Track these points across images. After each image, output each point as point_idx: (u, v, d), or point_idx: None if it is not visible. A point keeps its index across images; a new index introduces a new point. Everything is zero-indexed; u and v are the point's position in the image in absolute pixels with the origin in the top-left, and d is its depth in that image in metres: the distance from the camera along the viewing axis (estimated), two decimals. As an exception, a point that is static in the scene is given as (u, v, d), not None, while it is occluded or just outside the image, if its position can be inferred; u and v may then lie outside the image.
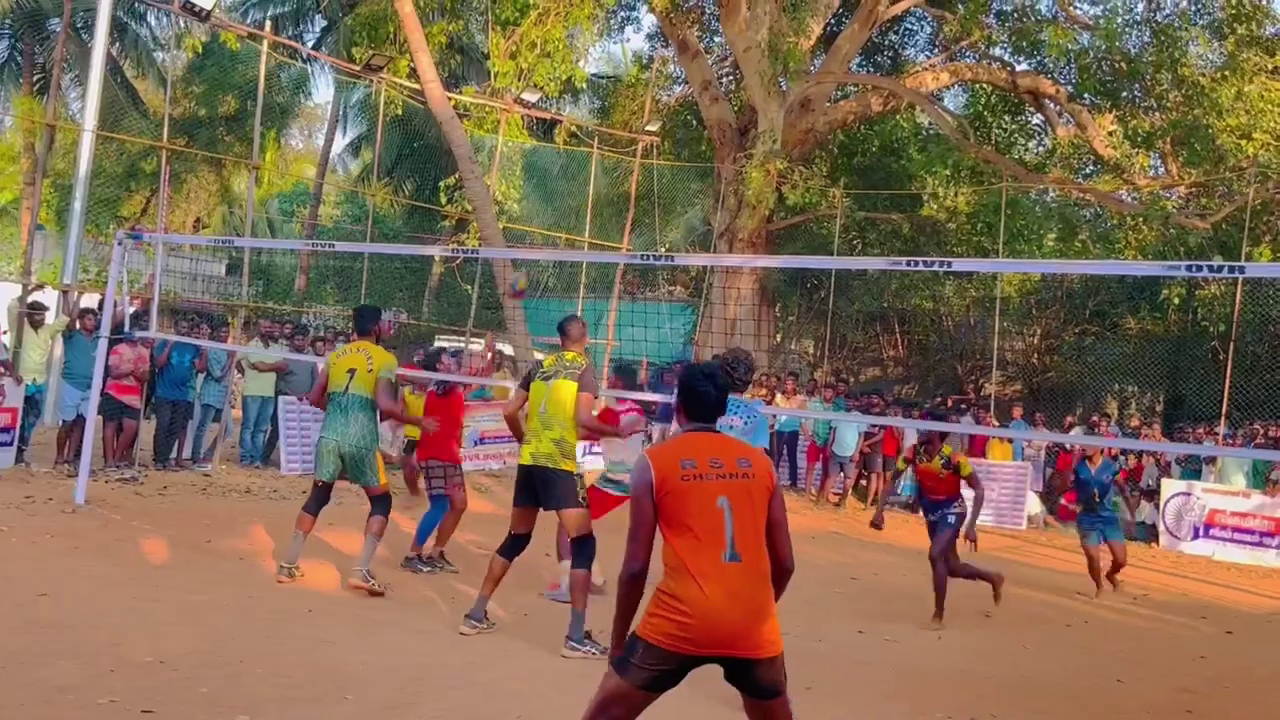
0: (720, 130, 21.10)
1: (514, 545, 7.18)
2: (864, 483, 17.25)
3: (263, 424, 14.04)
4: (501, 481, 14.75)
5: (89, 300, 14.18)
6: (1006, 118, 23.02)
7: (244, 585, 7.92)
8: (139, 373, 12.48)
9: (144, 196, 28.40)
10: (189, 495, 11.63)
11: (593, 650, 6.71)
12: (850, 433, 16.42)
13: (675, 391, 4.14)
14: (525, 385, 7.44)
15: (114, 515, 9.84)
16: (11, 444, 11.71)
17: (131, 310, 12.97)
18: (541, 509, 7.12)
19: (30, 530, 8.94)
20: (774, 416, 17.62)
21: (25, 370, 12.05)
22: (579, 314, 8.88)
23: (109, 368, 11.50)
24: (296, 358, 13.75)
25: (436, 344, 17.61)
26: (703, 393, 4.04)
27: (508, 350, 18.88)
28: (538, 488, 7.06)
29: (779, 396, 17.42)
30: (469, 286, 20.49)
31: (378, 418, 8.17)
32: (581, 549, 7.05)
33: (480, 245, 16.91)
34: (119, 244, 11.02)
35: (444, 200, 20.12)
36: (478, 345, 20.62)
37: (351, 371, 7.98)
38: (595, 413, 7.92)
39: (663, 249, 23.81)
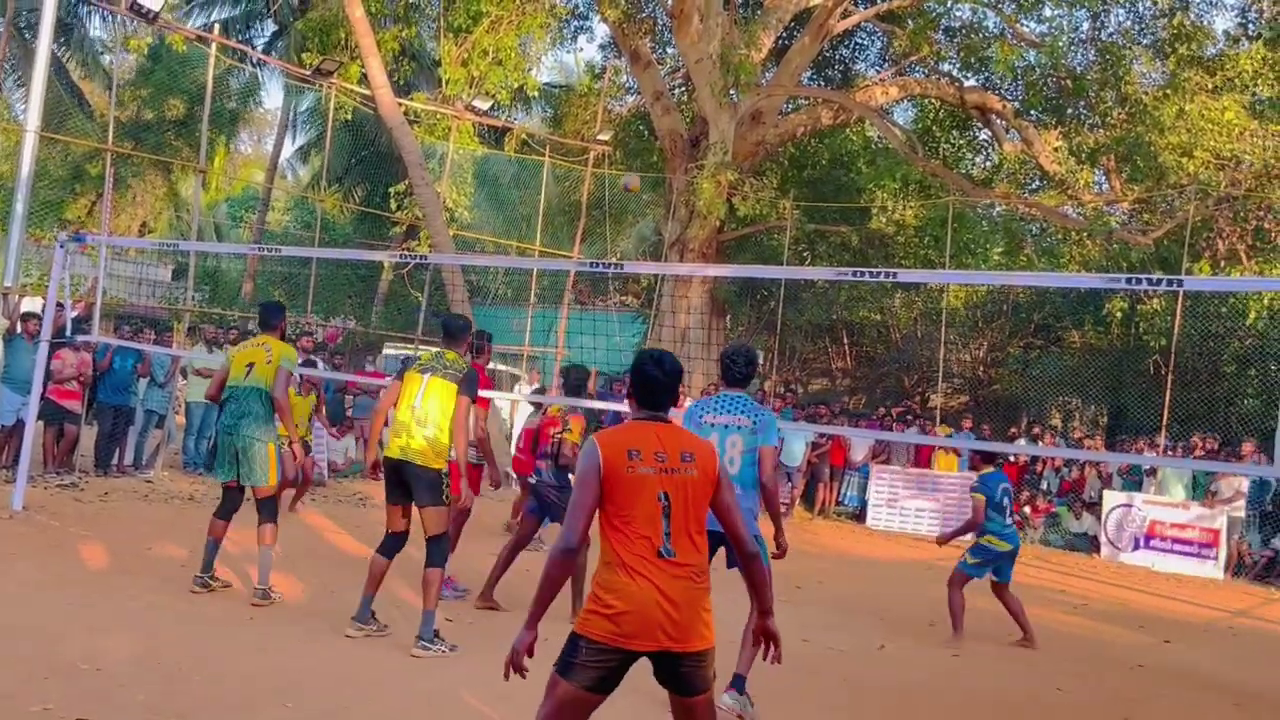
0: (672, 141, 21.18)
1: (394, 543, 7.14)
2: (811, 492, 17.35)
3: (206, 430, 13.86)
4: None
5: (30, 304, 13.95)
6: (954, 132, 23.30)
7: (184, 592, 7.81)
8: (81, 377, 12.30)
9: (89, 200, 28.03)
10: (130, 501, 11.47)
11: (443, 649, 6.73)
12: (798, 443, 16.51)
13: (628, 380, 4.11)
14: (399, 376, 7.35)
15: (52, 522, 9.68)
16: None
17: (74, 314, 12.80)
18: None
19: (-35, 536, 8.79)
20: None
21: (-37, 374, 11.84)
22: (470, 318, 8.66)
23: (50, 372, 11.34)
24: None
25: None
26: (651, 377, 3.99)
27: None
28: (408, 482, 6.97)
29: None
30: (419, 294, 20.40)
31: (274, 415, 7.94)
32: (437, 547, 6.98)
33: (430, 252, 16.84)
34: (61, 247, 10.86)
35: (394, 207, 20.03)
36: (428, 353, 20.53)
37: (250, 365, 7.87)
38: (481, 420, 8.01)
39: (614, 258, 23.83)
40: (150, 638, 6.46)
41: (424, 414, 6.97)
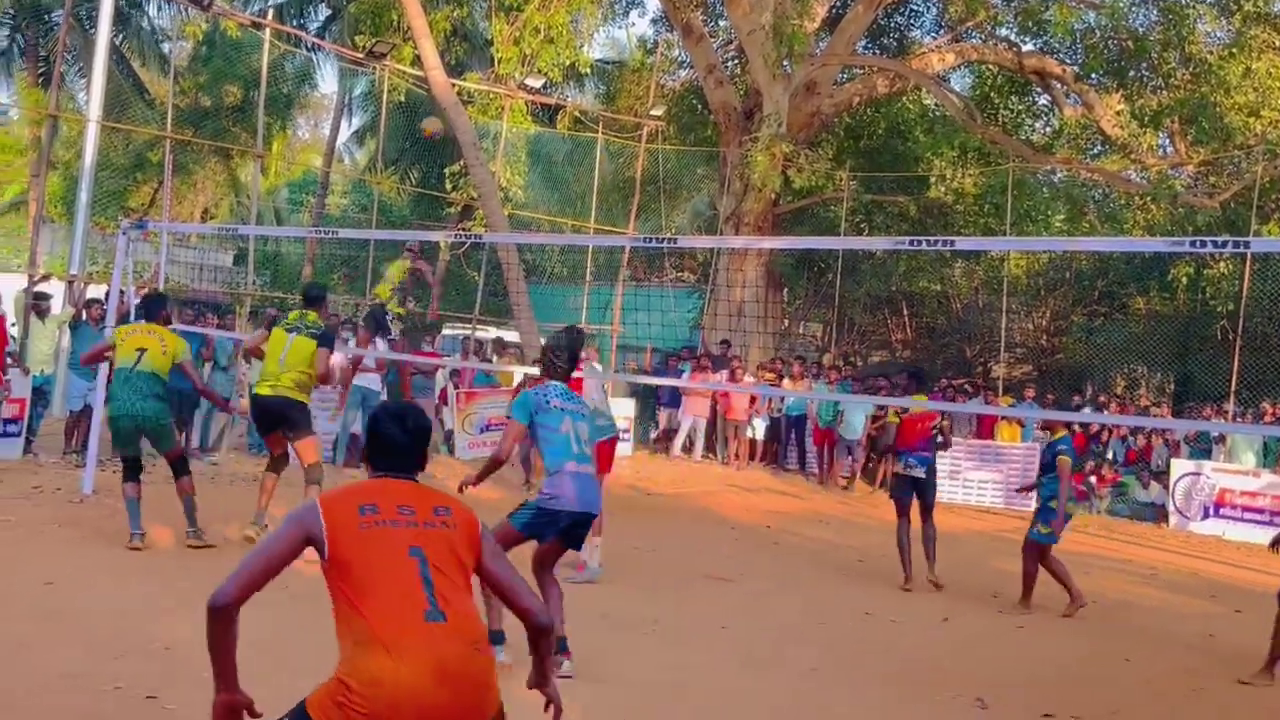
0: (725, 114, 21.04)
1: (279, 461, 8.84)
2: (871, 465, 17.23)
3: (270, 412, 14.05)
4: (510, 468, 14.75)
5: (95, 291, 14.19)
6: (1013, 98, 22.90)
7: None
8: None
9: (151, 188, 28.42)
10: (196, 484, 11.61)
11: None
12: (857, 415, 16.40)
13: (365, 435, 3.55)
14: (269, 327, 8.79)
15: (121, 504, 9.84)
16: (20, 435, 11.74)
17: (137, 301, 12.99)
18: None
19: (37, 520, 8.98)
20: (781, 400, 17.64)
21: (33, 361, 12.07)
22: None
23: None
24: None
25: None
26: (387, 436, 3.25)
27: (513, 337, 18.87)
28: (276, 417, 8.55)
29: (785, 380, 17.42)
30: (475, 274, 20.49)
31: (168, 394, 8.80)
32: (312, 474, 8.60)
33: (485, 232, 16.89)
34: (124, 234, 11.06)
35: (449, 187, 20.11)
36: (485, 334, 20.65)
37: (141, 350, 8.48)
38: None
39: (668, 234, 23.77)
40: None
41: (289, 365, 8.38)
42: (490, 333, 20.97)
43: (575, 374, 6.55)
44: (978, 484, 16.54)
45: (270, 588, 2.97)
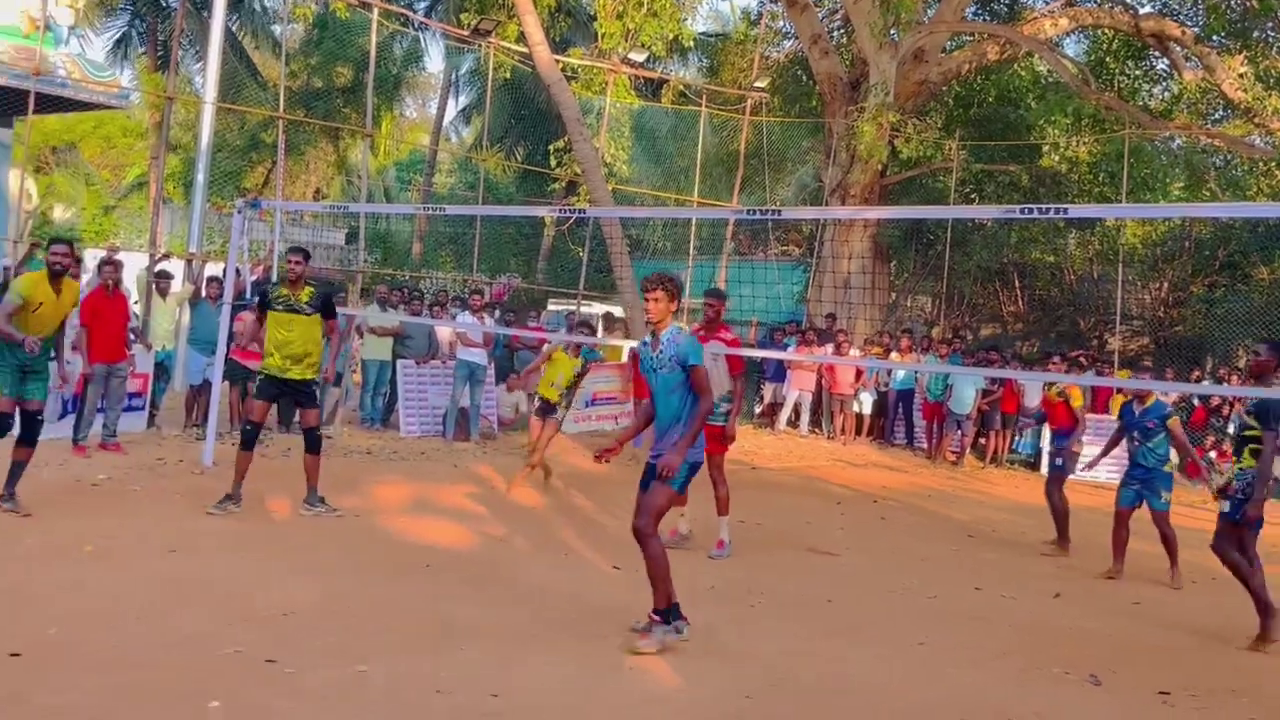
0: (830, 84, 20.77)
1: (254, 434, 8.84)
2: (982, 441, 16.94)
3: (381, 387, 14.34)
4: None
5: (213, 269, 14.61)
6: (1130, 63, 22.17)
7: (363, 542, 8.13)
8: (262, 338, 12.81)
9: (265, 168, 29.15)
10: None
11: (324, 510, 8.70)
12: (967, 390, 16.12)
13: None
14: (263, 308, 8.90)
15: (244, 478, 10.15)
16: (144, 409, 12.18)
17: (253, 279, 13.35)
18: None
19: (161, 490, 9.30)
20: (888, 374, 17.43)
21: (155, 338, 12.48)
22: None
23: (233, 334, 11.83)
24: (414, 320, 14.00)
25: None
26: None
27: (618, 312, 18.93)
28: (281, 389, 8.88)
29: (893, 354, 17.21)
30: (580, 249, 20.59)
31: None
32: (313, 437, 8.87)
33: (589, 207, 16.95)
34: (239, 213, 11.35)
35: (554, 164, 20.21)
36: (590, 309, 20.76)
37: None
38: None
39: (773, 206, 23.60)
40: (332, 586, 6.73)
41: (297, 340, 8.71)
42: (595, 308, 21.08)
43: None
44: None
45: (410, 562, 3.02)
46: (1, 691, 4.55)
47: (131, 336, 11.56)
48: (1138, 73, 22.55)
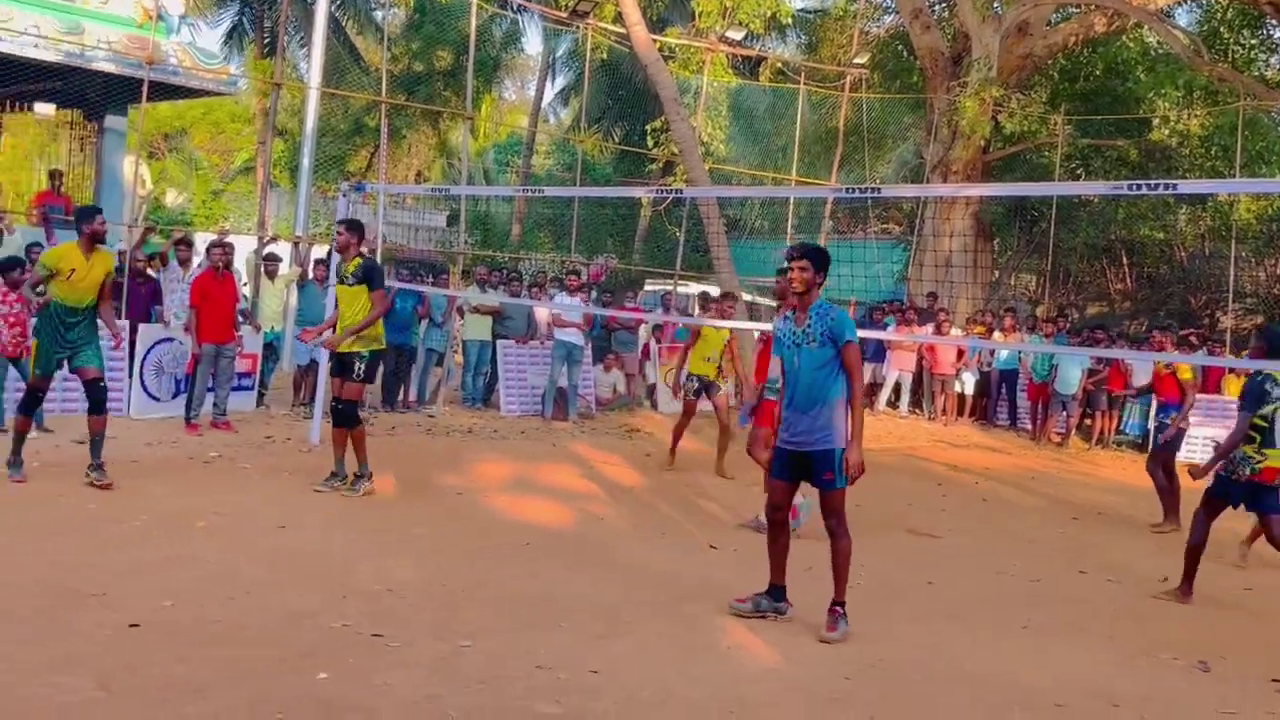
0: (932, 60, 20.41)
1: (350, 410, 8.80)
2: (1088, 422, 16.58)
3: (482, 366, 14.53)
4: (713, 422, 14.84)
5: (319, 251, 14.91)
6: (1245, 32, 21.40)
7: (464, 519, 8.27)
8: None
9: (368, 152, 29.65)
10: (414, 435, 12.18)
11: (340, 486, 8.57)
12: (1073, 370, 15.78)
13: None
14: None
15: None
16: (253, 388, 12.51)
17: (358, 260, 13.57)
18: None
19: (270, 468, 9.55)
20: (991, 354, 17.13)
21: (263, 319, 12.79)
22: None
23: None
24: (513, 301, 14.14)
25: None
26: None
27: (714, 292, 18.90)
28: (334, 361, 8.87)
29: (996, 333, 16.91)
30: (676, 229, 20.58)
31: None
32: (351, 412, 8.75)
33: (686, 187, 16.92)
34: (344, 196, 11.59)
35: (651, 144, 20.20)
36: (687, 289, 20.76)
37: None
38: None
39: (872, 184, 23.31)
40: (434, 563, 6.86)
41: (344, 311, 8.72)
42: (691, 288, 21.07)
43: None
44: (1202, 440, 15.68)
45: (510, 540, 3.07)
46: (121, 661, 4.73)
47: (241, 318, 11.86)
48: (1253, 42, 21.76)
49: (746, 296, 15.98)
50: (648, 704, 4.73)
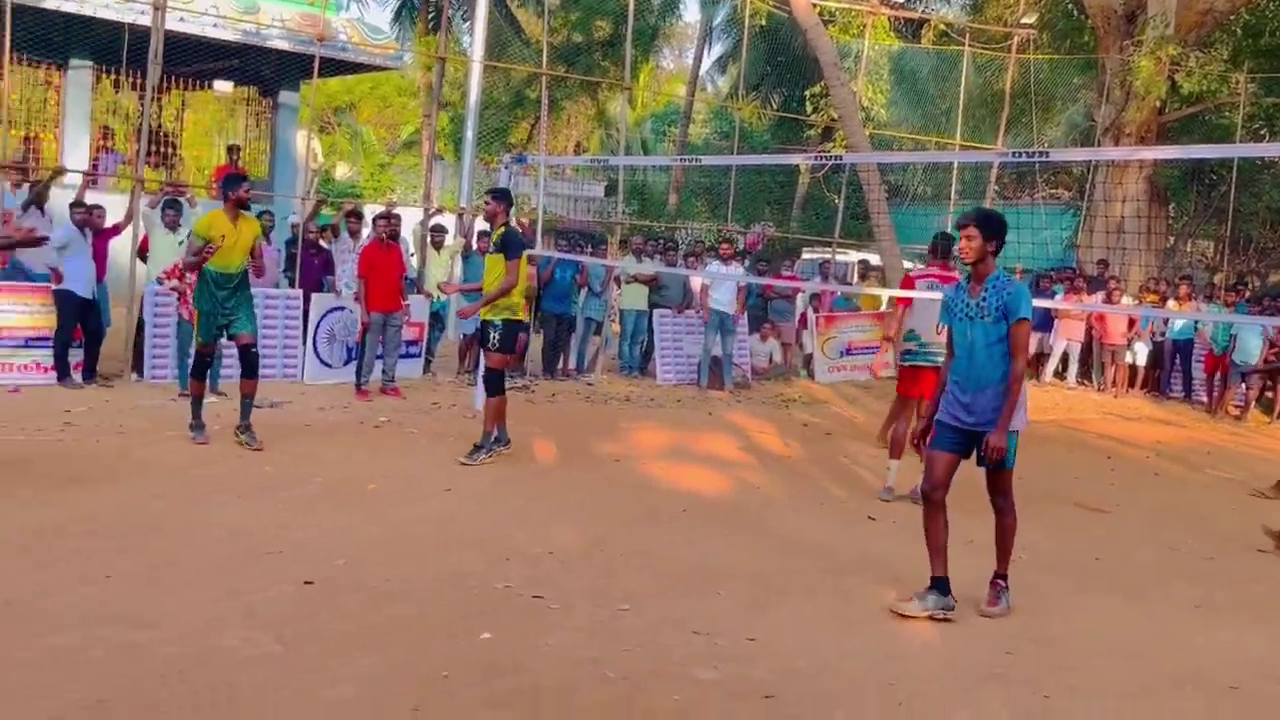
0: (1104, 18, 19.60)
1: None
2: (1269, 394, 15.79)
3: (639, 335, 14.65)
4: (870, 392, 14.68)
5: (482, 223, 15.21)
6: None
7: (622, 486, 8.37)
8: (527, 289, 13.28)
9: (528, 124, 30.04)
10: (574, 402, 12.37)
11: (485, 458, 8.56)
12: (1254, 340, 15.04)
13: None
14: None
15: (508, 420, 10.61)
16: (420, 355, 12.89)
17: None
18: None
19: (436, 434, 9.83)
20: (1165, 323, 16.46)
21: (430, 288, 13.15)
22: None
23: (500, 284, 12.34)
24: (669, 271, 14.20)
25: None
26: None
27: (874, 260, 18.62)
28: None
29: (1171, 302, 16.23)
30: (835, 197, 20.31)
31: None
32: (491, 381, 8.86)
33: (846, 153, 16.69)
34: (506, 168, 11.81)
35: (810, 110, 19.97)
36: (846, 257, 20.49)
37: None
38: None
39: (1040, 148, 22.55)
40: (592, 528, 6.98)
41: (486, 278, 8.88)
42: (850, 256, 20.79)
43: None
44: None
45: (667, 507, 3.11)
46: (298, 617, 4.96)
47: (408, 287, 12.20)
48: None
49: (906, 264, 15.69)
50: (804, 674, 4.74)
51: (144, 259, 11.31)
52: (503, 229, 8.84)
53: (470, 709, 4.11)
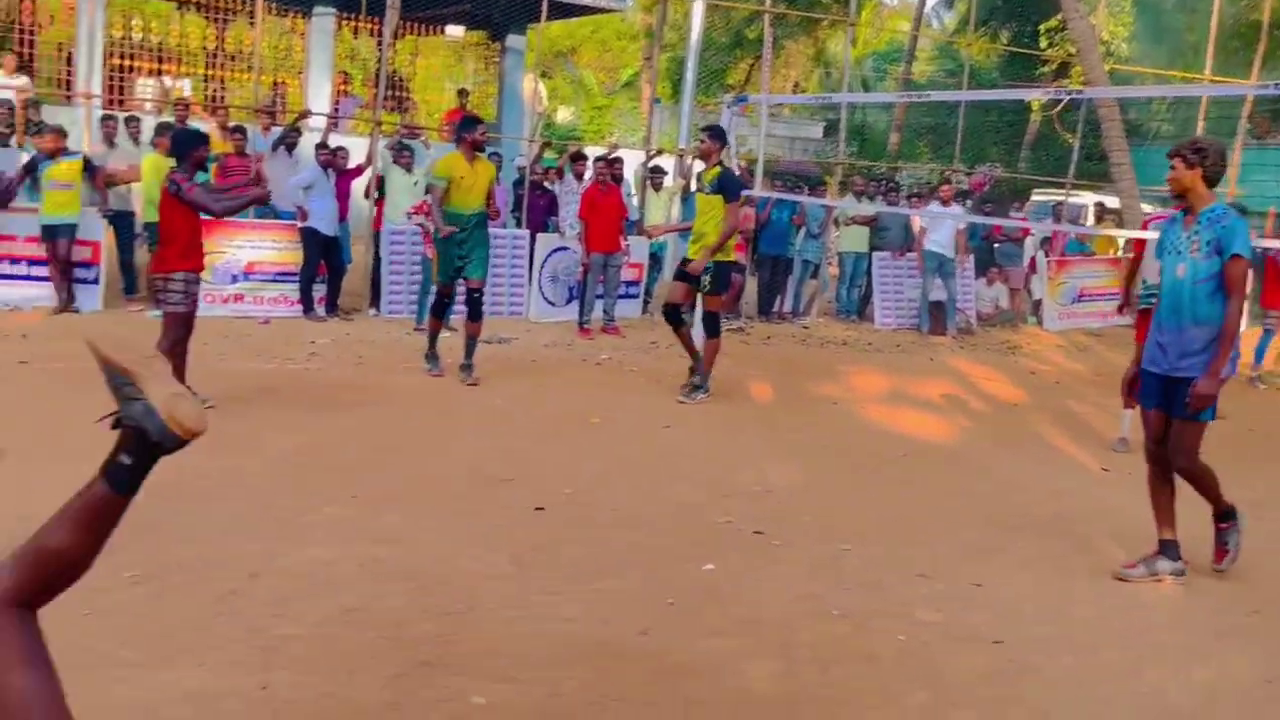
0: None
1: (669, 314, 8.84)
2: None
3: (858, 279, 14.44)
4: (1103, 340, 14.09)
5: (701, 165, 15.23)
6: None
7: (840, 428, 8.33)
8: (744, 231, 13.27)
9: (747, 65, 29.80)
10: (789, 345, 12.34)
11: (701, 397, 8.63)
12: None
13: None
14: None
15: (725, 361, 10.62)
16: (639, 296, 13.07)
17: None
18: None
19: (656, 371, 9.99)
20: None
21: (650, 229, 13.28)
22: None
23: (718, 225, 12.36)
24: (890, 210, 13.92)
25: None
26: None
27: (1110, 202, 17.74)
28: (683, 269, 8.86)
29: None
30: (1069, 135, 19.42)
31: None
32: (709, 322, 8.80)
33: (1083, 89, 15.90)
34: (727, 109, 11.76)
35: (1044, 45, 19.09)
36: (1079, 199, 19.60)
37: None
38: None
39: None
40: (811, 468, 6.98)
41: (698, 218, 8.82)
42: (1085, 198, 19.86)
43: None
44: None
45: (886, 451, 3.09)
46: (530, 541, 5.16)
47: (628, 228, 12.36)
48: None
49: (1147, 207, 14.89)
50: (1030, 620, 4.64)
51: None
52: (718, 169, 8.74)
53: (695, 636, 4.20)
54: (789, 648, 4.16)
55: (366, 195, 11.88)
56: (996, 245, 15.01)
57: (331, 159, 11.26)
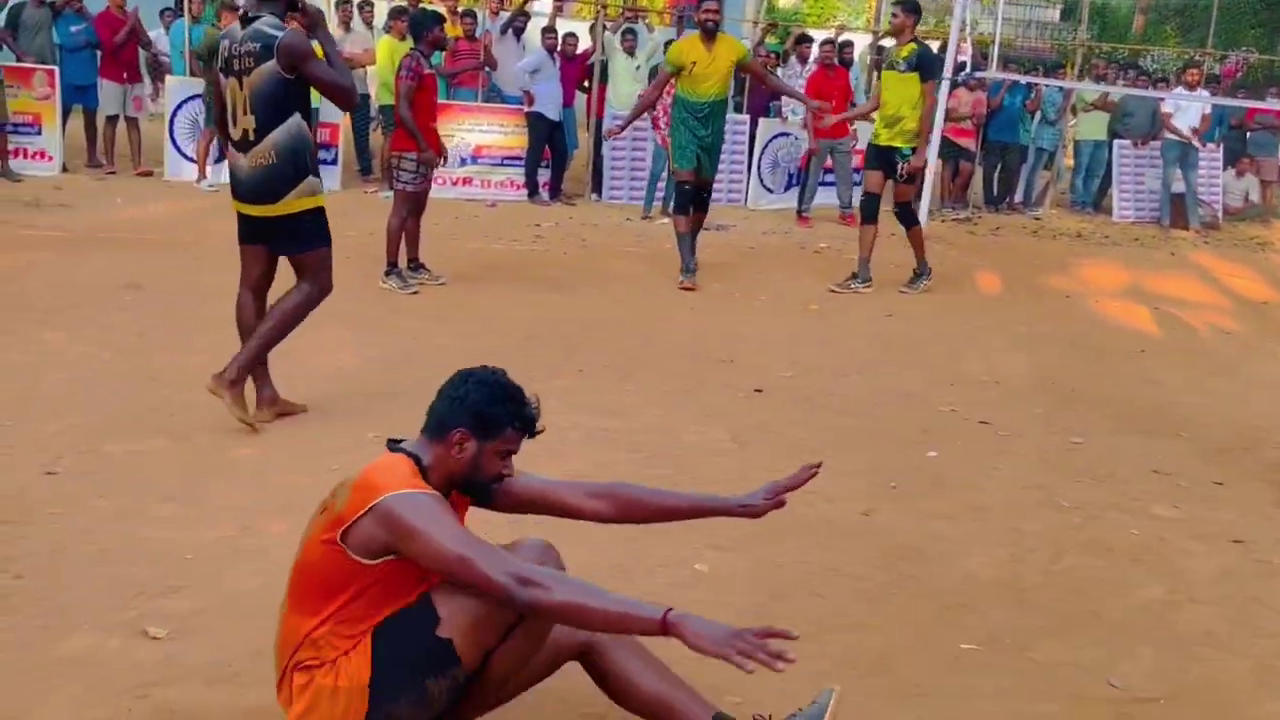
0: None
1: (866, 204, 8.46)
2: None
3: (1096, 169, 13.71)
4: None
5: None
6: None
7: (1073, 321, 8.02)
8: (975, 117, 12.75)
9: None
10: (1019, 236, 11.87)
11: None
12: None
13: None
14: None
15: (950, 251, 10.39)
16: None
17: (962, 59, 13.16)
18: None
19: (877, 261, 9.73)
20: None
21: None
22: None
23: (947, 110, 11.89)
24: (1135, 92, 13.10)
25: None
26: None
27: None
28: (877, 156, 8.25)
29: None
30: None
31: None
32: (902, 212, 8.43)
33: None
34: (960, -11, 11.25)
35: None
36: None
37: None
38: None
39: None
40: (1041, 361, 6.74)
41: (891, 100, 8.07)
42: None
43: None
44: None
45: (1124, 347, 2.95)
46: (750, 420, 5.19)
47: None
48: None
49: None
50: (1275, 521, 4.41)
51: (583, 89, 11.88)
52: (913, 44, 8.06)
53: (918, 518, 4.16)
54: (1017, 535, 4.08)
55: (583, 82, 11.89)
56: (1250, 134, 13.98)
57: (556, 43, 11.33)
